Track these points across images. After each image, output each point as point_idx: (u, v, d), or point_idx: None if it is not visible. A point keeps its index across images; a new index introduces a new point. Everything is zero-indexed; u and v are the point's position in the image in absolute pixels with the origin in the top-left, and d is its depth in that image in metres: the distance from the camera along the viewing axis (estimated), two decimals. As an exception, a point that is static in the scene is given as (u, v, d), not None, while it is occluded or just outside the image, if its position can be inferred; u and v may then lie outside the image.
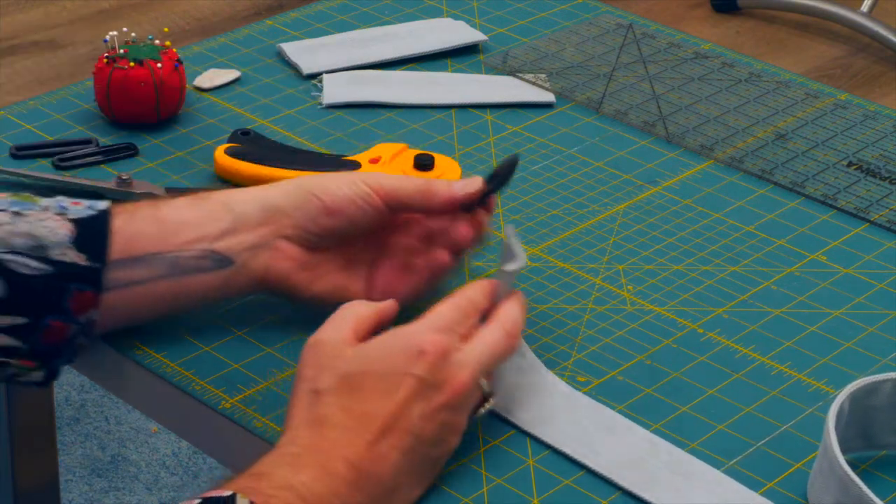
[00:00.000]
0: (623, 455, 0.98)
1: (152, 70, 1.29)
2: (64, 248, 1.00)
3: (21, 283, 0.99)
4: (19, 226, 0.99)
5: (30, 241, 0.99)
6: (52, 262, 0.99)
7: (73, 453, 2.27)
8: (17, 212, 1.00)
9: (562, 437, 0.99)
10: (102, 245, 1.01)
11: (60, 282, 1.00)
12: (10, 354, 1.00)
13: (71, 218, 1.01)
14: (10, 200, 1.01)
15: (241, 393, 1.03)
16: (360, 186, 1.05)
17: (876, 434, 0.99)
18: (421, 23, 1.50)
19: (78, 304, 1.01)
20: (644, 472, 0.97)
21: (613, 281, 1.16)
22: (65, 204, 1.02)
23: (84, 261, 1.00)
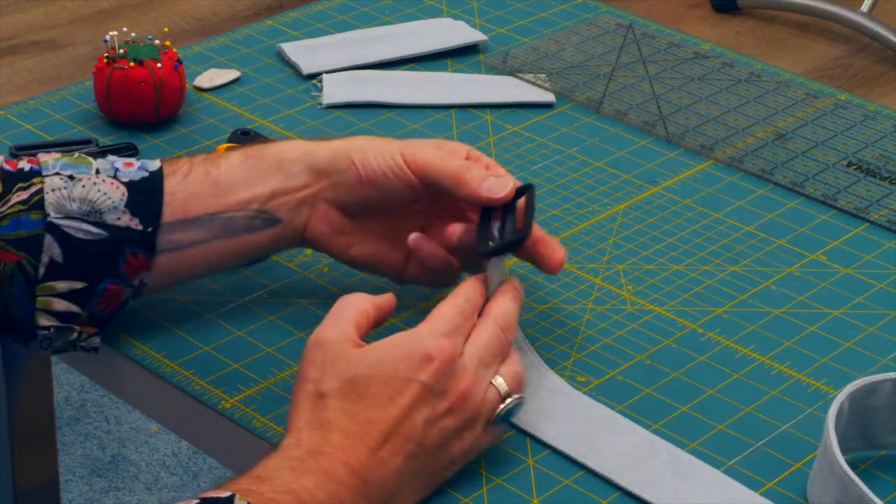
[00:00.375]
0: (623, 455, 0.98)
1: (152, 70, 1.29)
2: (118, 212, 1.02)
3: (77, 248, 1.01)
4: (74, 190, 1.01)
5: (85, 206, 1.01)
6: (108, 227, 1.01)
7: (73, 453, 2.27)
8: (71, 175, 1.02)
9: (561, 436, 0.99)
10: (156, 209, 1.03)
11: (115, 246, 1.02)
12: (72, 320, 1.02)
13: (124, 181, 1.03)
14: (63, 162, 1.03)
15: (241, 393, 1.03)
16: (395, 159, 1.05)
17: (875, 434, 0.99)
18: (421, 23, 1.50)
19: (132, 268, 1.03)
20: (644, 472, 0.97)
21: (613, 281, 1.16)
22: (118, 165, 1.04)
23: (138, 224, 1.02)
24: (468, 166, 1.05)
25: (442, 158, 1.05)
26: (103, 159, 1.04)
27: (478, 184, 1.04)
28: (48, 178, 1.01)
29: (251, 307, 1.11)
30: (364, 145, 1.06)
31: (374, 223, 1.08)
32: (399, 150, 1.05)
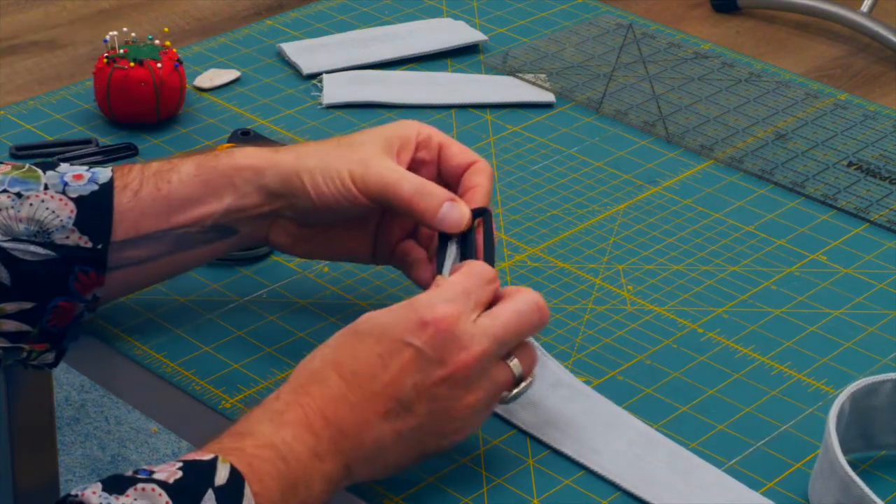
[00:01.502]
0: (622, 454, 0.98)
1: (152, 70, 1.29)
2: (67, 231, 1.00)
3: (26, 269, 0.99)
4: (22, 210, 1.00)
5: (32, 226, 1.00)
6: (56, 247, 1.00)
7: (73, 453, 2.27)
8: (18, 193, 1.00)
9: (561, 437, 0.99)
10: (105, 225, 1.01)
11: (65, 265, 1.00)
12: (22, 339, 1.01)
13: (73, 196, 1.01)
14: (12, 178, 1.01)
15: (241, 393, 1.03)
16: (344, 183, 1.01)
17: (876, 434, 0.99)
18: (421, 23, 1.50)
19: (83, 285, 1.01)
20: (643, 472, 0.97)
21: (613, 281, 1.16)
22: (67, 179, 1.02)
23: (87, 243, 1.01)
24: (421, 193, 1.01)
25: (396, 182, 1.01)
26: (53, 171, 1.02)
27: (432, 214, 1.00)
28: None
29: (251, 307, 1.11)
30: (314, 166, 1.02)
31: (334, 229, 1.07)
32: (348, 170, 1.01)
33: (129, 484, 0.81)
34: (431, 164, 1.06)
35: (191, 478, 0.83)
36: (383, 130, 1.05)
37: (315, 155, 1.03)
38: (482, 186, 1.03)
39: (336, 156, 1.03)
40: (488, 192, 1.04)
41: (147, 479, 0.82)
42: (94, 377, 1.17)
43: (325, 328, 1.09)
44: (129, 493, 0.81)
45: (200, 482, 0.83)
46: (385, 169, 1.01)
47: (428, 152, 1.05)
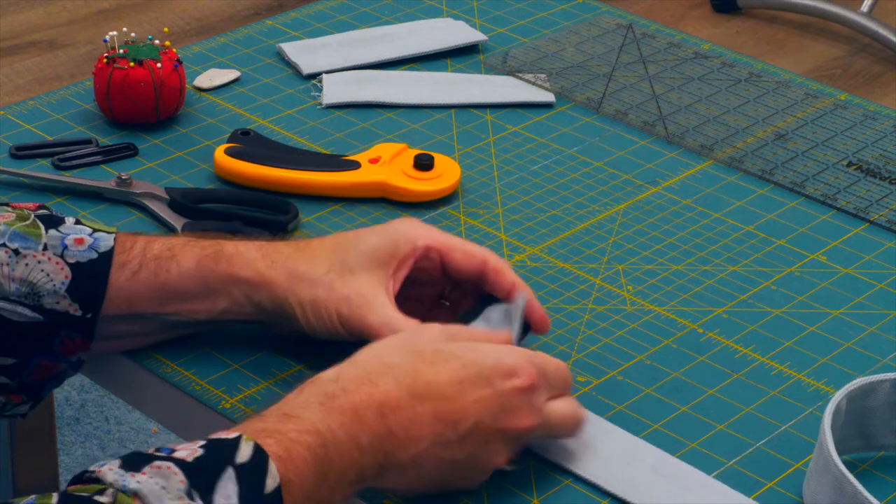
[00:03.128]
0: (608, 458, 0.98)
1: (152, 70, 1.29)
2: (58, 296, 0.99)
3: (10, 329, 0.99)
4: (17, 269, 0.99)
5: (24, 287, 0.99)
6: (45, 311, 0.99)
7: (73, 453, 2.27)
8: (16, 250, 0.99)
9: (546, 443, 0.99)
10: (98, 295, 1.01)
11: (51, 329, 1.00)
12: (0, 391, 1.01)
13: (70, 261, 1.00)
14: (14, 231, 1.00)
15: (241, 393, 1.03)
16: (332, 324, 1.01)
17: (874, 434, 0.99)
18: (421, 23, 1.50)
19: (68, 348, 1.01)
20: (630, 476, 0.96)
21: (613, 281, 1.16)
22: (67, 241, 1.01)
23: (77, 311, 1.00)
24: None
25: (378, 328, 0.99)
26: (56, 231, 1.01)
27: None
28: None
29: (251, 307, 1.11)
30: (304, 299, 1.01)
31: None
32: (336, 311, 1.01)
33: (146, 462, 0.81)
34: (434, 272, 1.05)
35: (211, 456, 0.83)
36: (377, 250, 1.02)
37: (306, 284, 1.02)
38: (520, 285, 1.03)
39: (325, 287, 1.01)
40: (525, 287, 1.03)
41: (166, 458, 0.82)
42: (94, 377, 1.17)
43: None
44: (145, 471, 0.81)
45: (220, 460, 0.83)
46: (371, 313, 1.00)
47: (429, 262, 1.04)
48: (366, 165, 1.24)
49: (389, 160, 1.25)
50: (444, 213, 1.23)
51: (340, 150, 1.30)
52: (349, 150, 1.30)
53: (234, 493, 0.82)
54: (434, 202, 1.24)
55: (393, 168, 1.24)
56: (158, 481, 0.80)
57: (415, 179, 1.23)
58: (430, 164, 1.24)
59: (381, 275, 1.02)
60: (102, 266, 1.01)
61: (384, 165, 1.24)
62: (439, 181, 1.24)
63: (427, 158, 1.24)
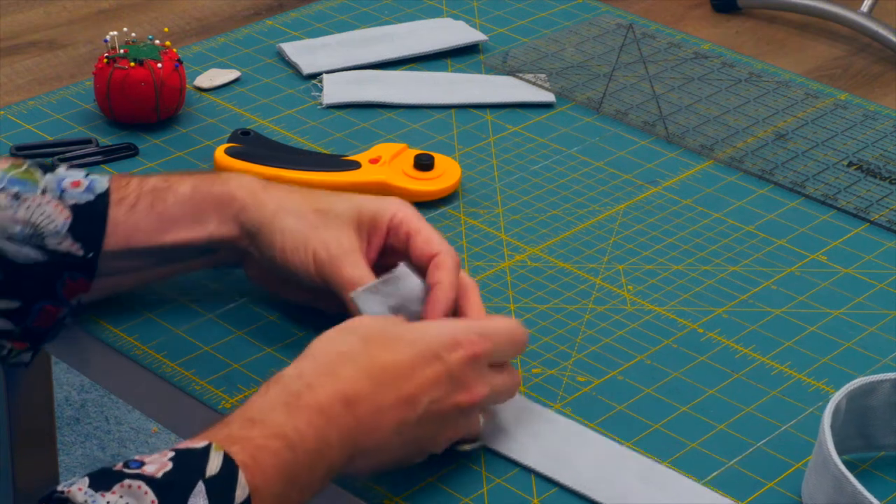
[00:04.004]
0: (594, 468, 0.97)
1: (152, 70, 1.29)
2: (60, 237, 1.01)
3: (16, 269, 1.01)
4: (18, 211, 1.01)
5: (27, 228, 1.01)
6: (48, 252, 1.01)
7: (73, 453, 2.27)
8: (16, 194, 1.01)
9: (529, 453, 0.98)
10: (98, 235, 1.03)
11: (55, 269, 1.02)
12: (3, 337, 1.02)
13: (69, 203, 1.02)
14: (10, 177, 1.02)
15: (241, 393, 1.03)
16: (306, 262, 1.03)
17: (874, 434, 0.99)
18: (421, 23, 1.50)
19: (70, 290, 1.03)
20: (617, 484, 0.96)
21: (613, 281, 1.16)
22: (65, 185, 1.03)
23: (79, 250, 1.02)
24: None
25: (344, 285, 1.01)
26: (52, 174, 1.03)
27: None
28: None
29: (251, 307, 1.11)
30: (287, 228, 1.04)
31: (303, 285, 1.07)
32: (313, 251, 1.03)
33: (116, 479, 0.81)
34: (401, 251, 1.05)
35: (181, 470, 0.83)
36: (361, 205, 1.05)
37: (292, 216, 1.04)
38: (442, 285, 1.02)
39: (310, 226, 1.03)
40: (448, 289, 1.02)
41: (135, 476, 0.81)
42: (94, 377, 1.17)
43: (325, 328, 1.09)
44: (115, 490, 0.80)
45: (190, 473, 0.82)
46: (347, 264, 1.02)
47: (397, 239, 1.05)
48: (366, 165, 1.24)
49: (389, 160, 1.25)
50: (444, 213, 1.23)
51: (340, 150, 1.30)
52: (349, 150, 1.30)
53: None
54: (434, 202, 1.24)
55: (393, 168, 1.24)
56: (129, 501, 0.80)
57: (415, 179, 1.24)
58: (430, 164, 1.24)
59: (359, 234, 1.04)
60: (100, 206, 1.03)
61: (384, 165, 1.24)
62: (439, 181, 1.24)
63: (427, 158, 1.24)
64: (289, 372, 0.91)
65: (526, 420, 1.01)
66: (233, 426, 0.87)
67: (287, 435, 0.87)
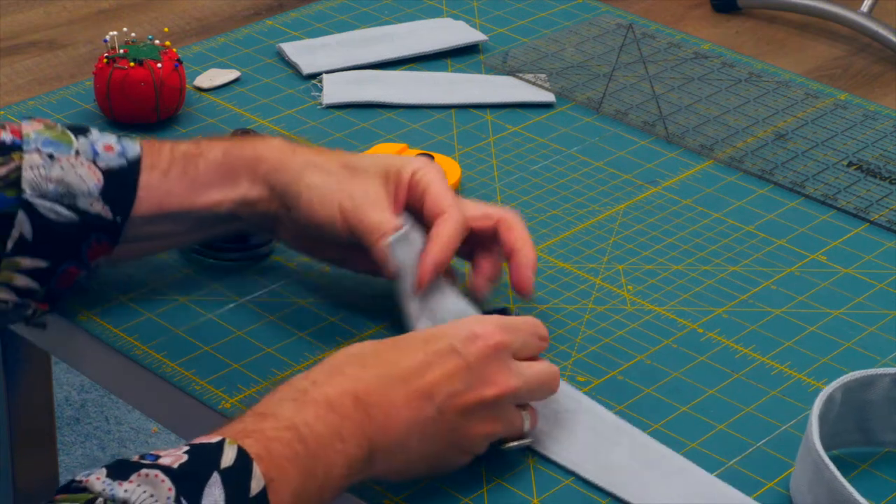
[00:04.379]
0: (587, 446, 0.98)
1: (152, 70, 1.29)
2: (92, 198, 1.03)
3: (48, 228, 1.02)
4: (52, 171, 1.02)
5: (61, 188, 1.02)
6: (79, 212, 1.03)
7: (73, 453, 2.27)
8: (50, 154, 1.03)
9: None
10: (128, 200, 1.04)
11: (83, 230, 1.03)
12: (30, 296, 1.04)
13: (101, 166, 1.04)
14: (45, 138, 1.03)
15: (241, 393, 1.03)
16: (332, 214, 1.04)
17: (873, 430, 0.99)
18: (421, 23, 1.50)
19: (94, 252, 1.05)
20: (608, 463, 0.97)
21: (613, 281, 1.16)
22: (98, 148, 1.05)
23: (108, 213, 1.04)
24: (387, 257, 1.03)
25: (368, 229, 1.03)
26: (85, 138, 1.05)
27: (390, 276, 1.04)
28: (28, 154, 1.02)
29: (251, 307, 1.11)
30: (314, 183, 1.05)
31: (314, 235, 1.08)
32: (339, 203, 1.04)
33: (133, 469, 0.81)
34: (418, 208, 1.07)
35: (196, 461, 0.83)
36: (388, 161, 1.07)
37: (319, 171, 1.06)
38: (439, 237, 1.04)
39: (336, 180, 1.06)
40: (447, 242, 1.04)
41: (151, 465, 0.82)
42: (94, 377, 1.17)
43: (325, 328, 1.09)
44: (133, 479, 0.81)
45: (206, 465, 0.83)
46: (372, 210, 1.04)
47: (414, 196, 1.06)
48: (366, 165, 1.24)
49: (389, 160, 1.25)
50: (444, 213, 1.23)
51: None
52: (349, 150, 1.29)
53: (220, 497, 0.82)
54: (434, 202, 1.24)
55: (393, 168, 1.24)
56: (147, 489, 0.80)
57: (415, 179, 1.23)
58: (430, 164, 1.24)
59: (386, 187, 1.05)
60: (132, 172, 1.05)
61: (384, 165, 1.24)
62: (439, 181, 1.24)
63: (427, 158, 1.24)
64: (298, 375, 0.92)
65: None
66: (245, 421, 0.88)
67: (297, 426, 0.87)
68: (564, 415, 1.00)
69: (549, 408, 1.00)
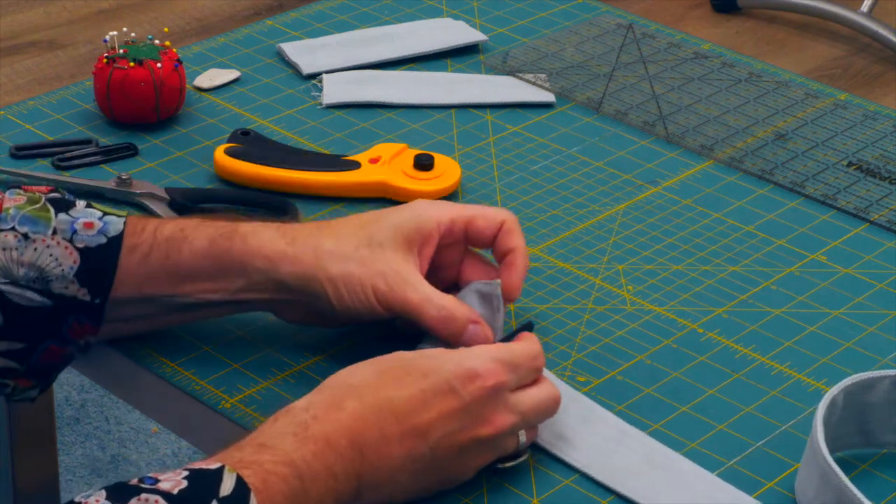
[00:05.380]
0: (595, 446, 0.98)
1: (152, 70, 1.29)
2: (67, 281, 0.99)
3: (19, 312, 0.98)
4: (25, 253, 0.98)
5: (33, 272, 0.98)
6: (53, 296, 0.99)
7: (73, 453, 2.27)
8: (26, 234, 0.99)
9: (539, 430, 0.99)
10: (107, 281, 1.00)
11: (60, 313, 0.99)
12: (7, 375, 1.01)
13: (79, 246, 1.00)
14: (24, 215, 0.99)
15: (241, 393, 1.03)
16: (368, 298, 1.01)
17: (874, 431, 0.99)
18: (421, 23, 1.50)
19: (77, 332, 1.01)
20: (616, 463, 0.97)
21: (613, 281, 1.16)
22: (77, 226, 1.00)
23: (85, 295, 1.00)
24: (446, 320, 1.00)
25: (420, 305, 1.00)
26: (66, 215, 1.00)
27: (456, 339, 1.00)
28: (3, 233, 0.98)
29: (251, 307, 1.11)
30: (336, 274, 1.00)
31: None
32: (372, 286, 1.00)
33: (132, 494, 0.81)
34: (458, 244, 1.06)
35: (195, 488, 0.83)
36: (401, 224, 1.03)
37: (336, 259, 1.01)
38: (518, 249, 1.04)
39: (358, 263, 1.01)
40: (522, 252, 1.04)
41: (151, 490, 0.82)
42: (94, 377, 1.17)
43: (325, 328, 1.09)
44: (132, 503, 0.81)
45: (205, 492, 0.83)
46: (410, 289, 1.01)
47: (453, 237, 1.05)
48: (366, 165, 1.24)
49: (389, 160, 1.25)
50: (444, 213, 1.23)
51: (340, 150, 1.30)
52: (349, 150, 1.30)
53: None
54: (434, 202, 1.24)
55: (393, 168, 1.24)
56: None
57: (415, 179, 1.23)
58: (430, 164, 1.24)
59: (410, 251, 1.02)
60: (112, 250, 1.00)
61: (384, 165, 1.24)
62: (439, 181, 1.24)
63: (427, 158, 1.24)
64: (299, 404, 0.91)
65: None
66: (244, 451, 0.87)
67: (295, 463, 0.87)
68: (575, 420, 1.00)
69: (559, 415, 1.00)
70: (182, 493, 0.82)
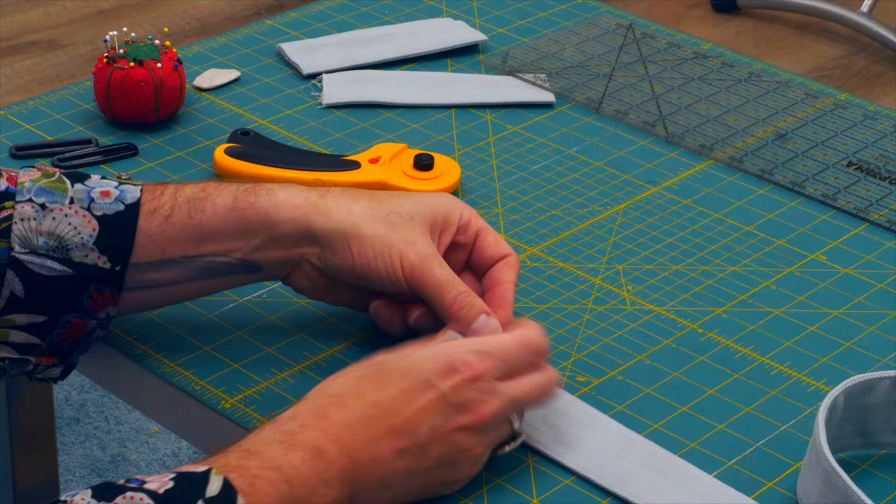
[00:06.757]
0: (599, 452, 0.98)
1: (152, 70, 1.29)
2: (87, 249, 0.99)
3: (40, 283, 0.98)
4: (44, 223, 0.98)
5: (52, 240, 0.98)
6: (73, 265, 0.99)
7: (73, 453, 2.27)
8: (43, 204, 0.99)
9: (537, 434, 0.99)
10: (126, 247, 1.00)
11: (81, 282, 0.99)
12: (29, 351, 1.00)
13: (97, 214, 1.00)
14: (39, 187, 0.99)
15: (241, 393, 1.03)
16: (394, 265, 1.01)
17: (874, 432, 0.99)
18: (421, 23, 1.50)
19: (97, 303, 1.01)
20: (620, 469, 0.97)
21: (613, 281, 1.16)
22: (94, 195, 1.00)
23: (105, 263, 1.00)
24: (462, 303, 1.00)
25: (441, 284, 1.00)
26: (82, 185, 1.00)
27: (467, 323, 1.00)
28: (20, 204, 0.98)
29: (251, 307, 1.11)
30: (367, 233, 1.01)
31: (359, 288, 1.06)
32: (400, 254, 1.01)
33: (118, 492, 0.81)
34: (465, 249, 1.06)
35: (182, 488, 0.83)
36: (430, 205, 1.04)
37: (369, 219, 1.01)
38: (509, 283, 1.04)
39: (390, 228, 1.01)
40: (513, 289, 1.04)
41: (137, 489, 0.81)
42: (94, 377, 1.17)
43: (326, 328, 1.09)
44: (118, 501, 0.80)
45: (191, 493, 0.83)
46: (437, 266, 1.01)
47: (465, 237, 1.05)
48: (366, 165, 1.24)
49: (389, 160, 1.25)
50: (444, 213, 1.23)
51: (340, 150, 1.30)
52: (349, 150, 1.30)
53: None
54: (434, 202, 1.24)
55: (393, 168, 1.24)
56: None
57: (415, 179, 1.24)
58: (430, 164, 1.24)
59: (433, 234, 1.03)
60: (130, 218, 1.00)
61: (384, 165, 1.24)
62: (439, 181, 1.24)
63: (427, 158, 1.24)
64: (285, 414, 0.91)
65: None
66: (230, 456, 0.87)
67: (282, 468, 0.87)
68: (576, 426, 1.00)
69: (560, 420, 1.00)
70: (168, 492, 0.82)
